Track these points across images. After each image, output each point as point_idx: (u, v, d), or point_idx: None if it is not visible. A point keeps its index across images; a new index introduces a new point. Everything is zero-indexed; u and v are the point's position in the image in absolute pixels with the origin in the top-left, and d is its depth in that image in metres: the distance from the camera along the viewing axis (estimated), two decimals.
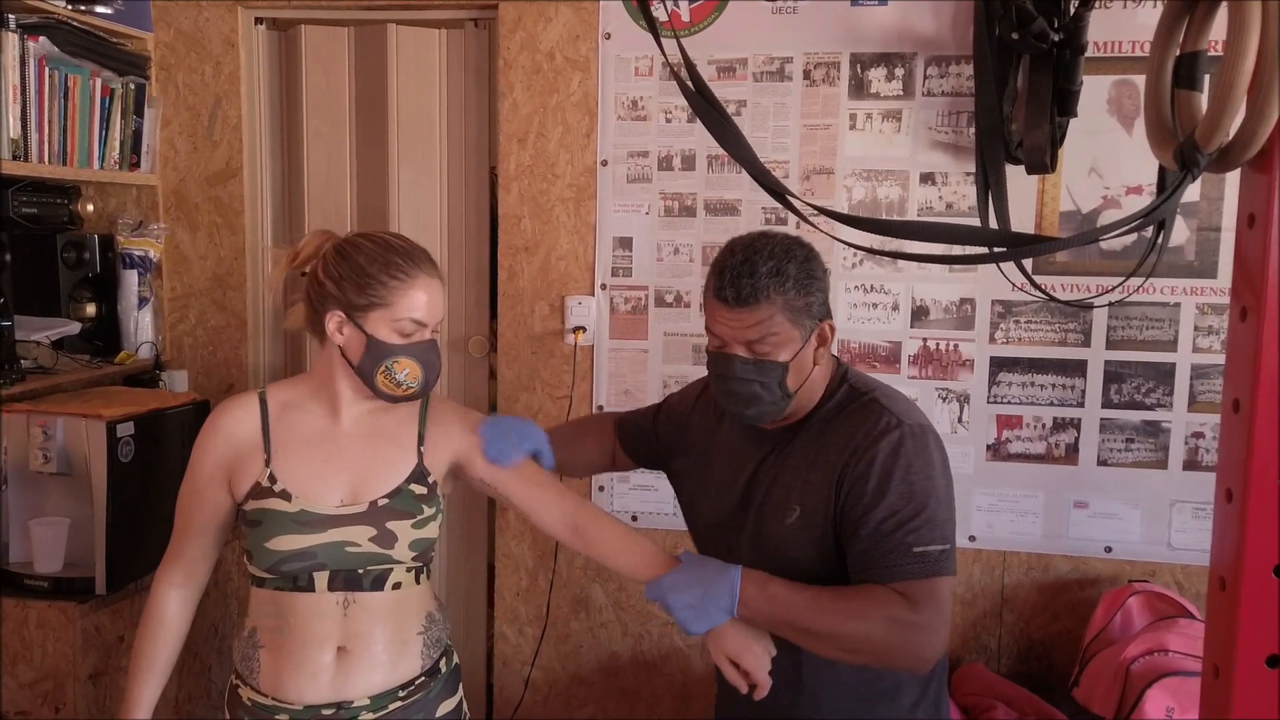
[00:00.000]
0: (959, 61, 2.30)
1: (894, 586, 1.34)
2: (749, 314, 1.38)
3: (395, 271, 1.43)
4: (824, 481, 1.42)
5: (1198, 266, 2.27)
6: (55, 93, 2.23)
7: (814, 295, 1.41)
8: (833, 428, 1.45)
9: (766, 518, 1.48)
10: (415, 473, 1.51)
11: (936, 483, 1.40)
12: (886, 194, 2.36)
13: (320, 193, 2.63)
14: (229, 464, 1.52)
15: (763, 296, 1.36)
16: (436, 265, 1.49)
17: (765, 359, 1.39)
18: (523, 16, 2.41)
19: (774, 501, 1.47)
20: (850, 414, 1.45)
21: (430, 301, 1.46)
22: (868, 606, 1.34)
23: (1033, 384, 2.35)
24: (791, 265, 1.39)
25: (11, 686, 2.09)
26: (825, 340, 1.46)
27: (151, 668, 1.56)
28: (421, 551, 1.50)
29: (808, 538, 1.43)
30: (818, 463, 1.44)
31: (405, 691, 1.50)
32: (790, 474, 1.47)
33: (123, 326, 2.53)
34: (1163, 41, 1.11)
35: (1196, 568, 2.33)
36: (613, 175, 2.44)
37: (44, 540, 2.10)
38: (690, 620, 1.37)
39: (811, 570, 1.43)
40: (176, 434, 2.30)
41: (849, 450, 1.41)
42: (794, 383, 1.42)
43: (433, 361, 1.48)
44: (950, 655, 2.43)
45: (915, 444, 1.40)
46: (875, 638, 1.33)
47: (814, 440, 1.46)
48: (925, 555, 1.35)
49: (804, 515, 1.44)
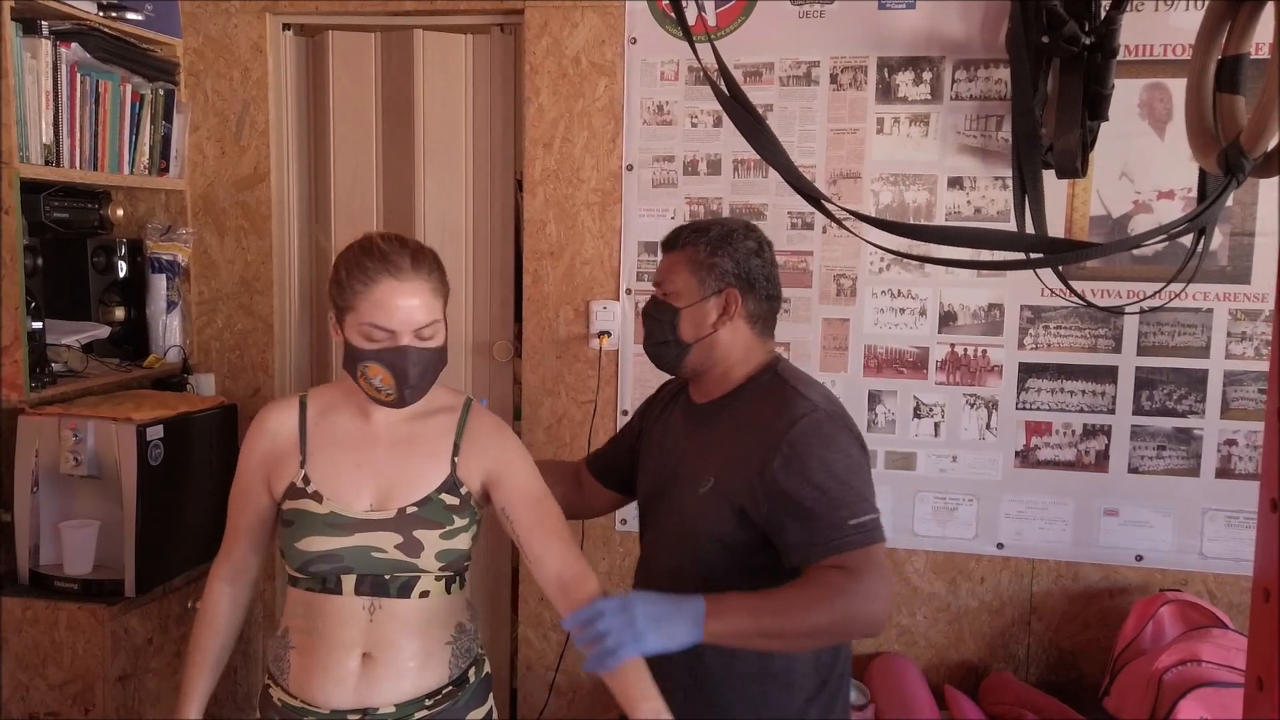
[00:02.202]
0: (988, 65, 2.28)
1: (836, 560, 1.39)
2: (666, 258, 1.60)
3: (361, 275, 1.40)
4: (740, 462, 1.49)
5: (1231, 272, 2.25)
6: (86, 99, 2.25)
7: (723, 259, 1.54)
8: (753, 408, 1.53)
9: (684, 486, 1.56)
10: (447, 483, 1.50)
11: (856, 458, 1.48)
12: (914, 198, 2.34)
13: (347, 197, 2.64)
14: (269, 464, 1.53)
15: (678, 245, 1.58)
16: (420, 270, 1.41)
17: (664, 299, 1.57)
18: (549, 21, 2.42)
19: (692, 471, 1.55)
20: (771, 398, 1.53)
21: (395, 308, 1.39)
22: (820, 592, 1.37)
23: (1062, 390, 2.33)
24: (715, 229, 1.56)
25: (41, 687, 2.11)
26: (730, 308, 1.55)
27: (202, 662, 1.58)
28: (450, 562, 1.48)
29: (716, 510, 1.49)
30: (733, 441, 1.52)
31: (432, 700, 1.49)
32: (711, 448, 1.55)
33: (151, 330, 2.55)
34: (1205, 44, 1.10)
35: (1229, 577, 2.30)
36: (638, 180, 2.43)
37: (74, 542, 2.12)
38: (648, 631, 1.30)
39: (710, 543, 1.50)
40: (204, 437, 2.32)
41: (768, 435, 1.47)
42: (688, 333, 1.56)
43: (404, 368, 1.41)
44: (978, 663, 2.41)
45: (831, 425, 1.48)
46: (834, 618, 1.36)
47: (734, 418, 1.55)
48: (860, 526, 1.41)
49: (717, 487, 1.51)
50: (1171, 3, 2.21)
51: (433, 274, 1.44)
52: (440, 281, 1.46)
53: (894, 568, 2.42)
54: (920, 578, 2.42)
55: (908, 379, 2.38)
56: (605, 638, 1.29)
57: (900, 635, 2.44)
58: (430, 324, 1.43)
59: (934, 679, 2.39)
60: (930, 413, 2.38)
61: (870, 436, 2.40)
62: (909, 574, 2.43)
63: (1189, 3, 2.22)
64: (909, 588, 2.43)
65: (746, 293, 1.56)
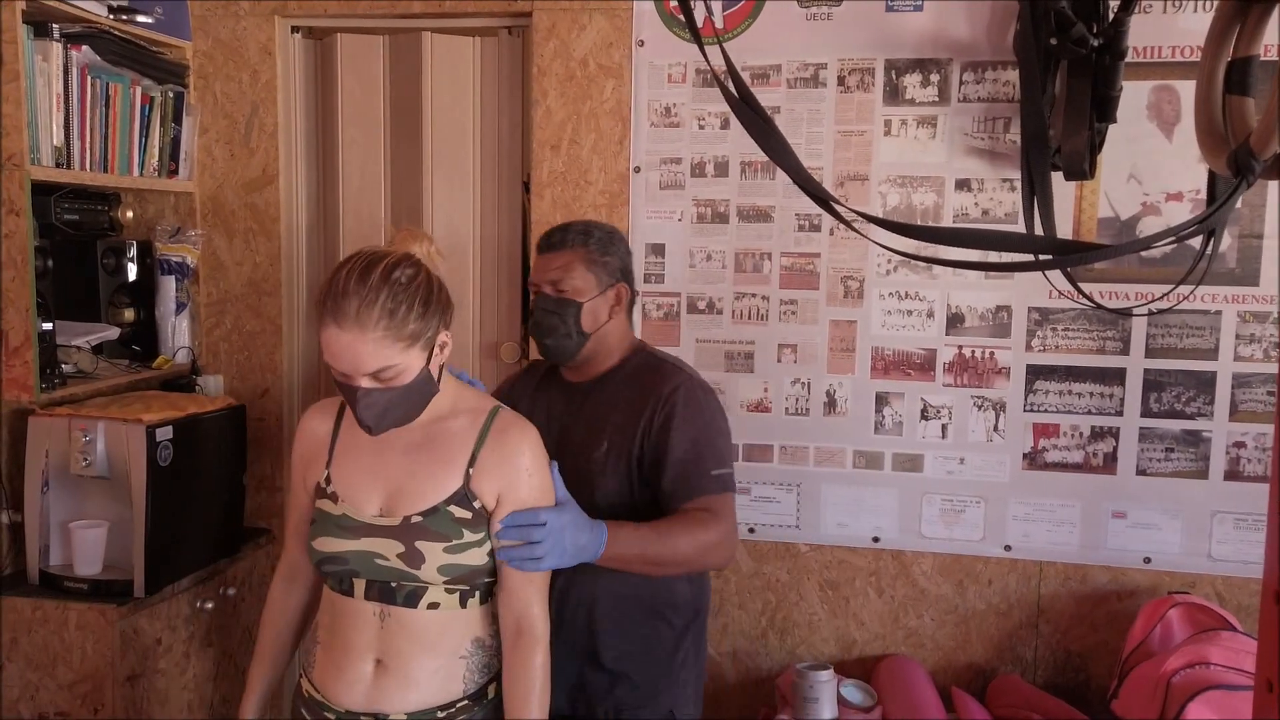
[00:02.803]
0: (996, 67, 2.28)
1: (699, 502, 1.67)
2: (555, 257, 1.76)
3: (319, 309, 1.38)
4: (630, 423, 1.73)
5: (1239, 274, 2.24)
6: (97, 101, 2.27)
7: (612, 258, 1.79)
8: (635, 381, 1.78)
9: (579, 453, 1.73)
10: (458, 495, 1.47)
11: (719, 422, 1.77)
12: (921, 200, 2.34)
13: (355, 199, 2.65)
14: (306, 463, 1.57)
15: (567, 245, 1.76)
16: (366, 320, 1.34)
17: (564, 296, 1.74)
18: (557, 24, 2.42)
19: (584, 438, 1.76)
20: (650, 371, 1.80)
21: (339, 352, 1.36)
22: (691, 527, 1.65)
23: (1070, 392, 2.33)
24: (597, 230, 1.80)
25: (51, 687, 2.12)
26: (621, 300, 1.80)
27: (259, 655, 1.64)
28: (457, 577, 1.45)
29: (613, 467, 1.73)
30: (622, 408, 1.76)
31: (445, 713, 1.47)
32: (600, 416, 1.77)
33: (160, 331, 2.56)
34: (1214, 46, 1.10)
35: (1238, 579, 2.29)
36: (645, 182, 2.44)
37: (84, 543, 2.13)
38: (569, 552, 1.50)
39: (614, 494, 1.73)
40: (213, 438, 2.33)
41: (652, 398, 1.73)
42: (588, 324, 1.76)
43: (356, 408, 1.39)
44: (985, 666, 2.41)
45: (702, 393, 1.77)
46: (699, 548, 1.65)
47: (619, 391, 1.78)
48: (720, 476, 1.71)
49: (611, 448, 1.74)
50: (1180, 5, 2.21)
51: (382, 323, 1.35)
52: (395, 328, 1.36)
53: (901, 569, 2.43)
54: (927, 579, 2.42)
55: (915, 381, 2.38)
56: (536, 547, 1.46)
57: (907, 637, 2.44)
58: (383, 369, 1.37)
59: (941, 681, 2.38)
60: (938, 414, 2.38)
61: (877, 438, 2.40)
62: (916, 576, 2.43)
63: (1197, 5, 2.21)
64: (916, 589, 2.43)
65: (628, 286, 1.82)
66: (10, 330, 2.10)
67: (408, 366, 1.40)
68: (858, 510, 2.42)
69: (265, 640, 1.64)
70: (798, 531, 2.44)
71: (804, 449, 2.43)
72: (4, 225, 2.08)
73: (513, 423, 1.54)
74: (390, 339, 1.36)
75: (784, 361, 2.42)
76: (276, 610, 1.64)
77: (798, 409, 2.43)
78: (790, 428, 2.43)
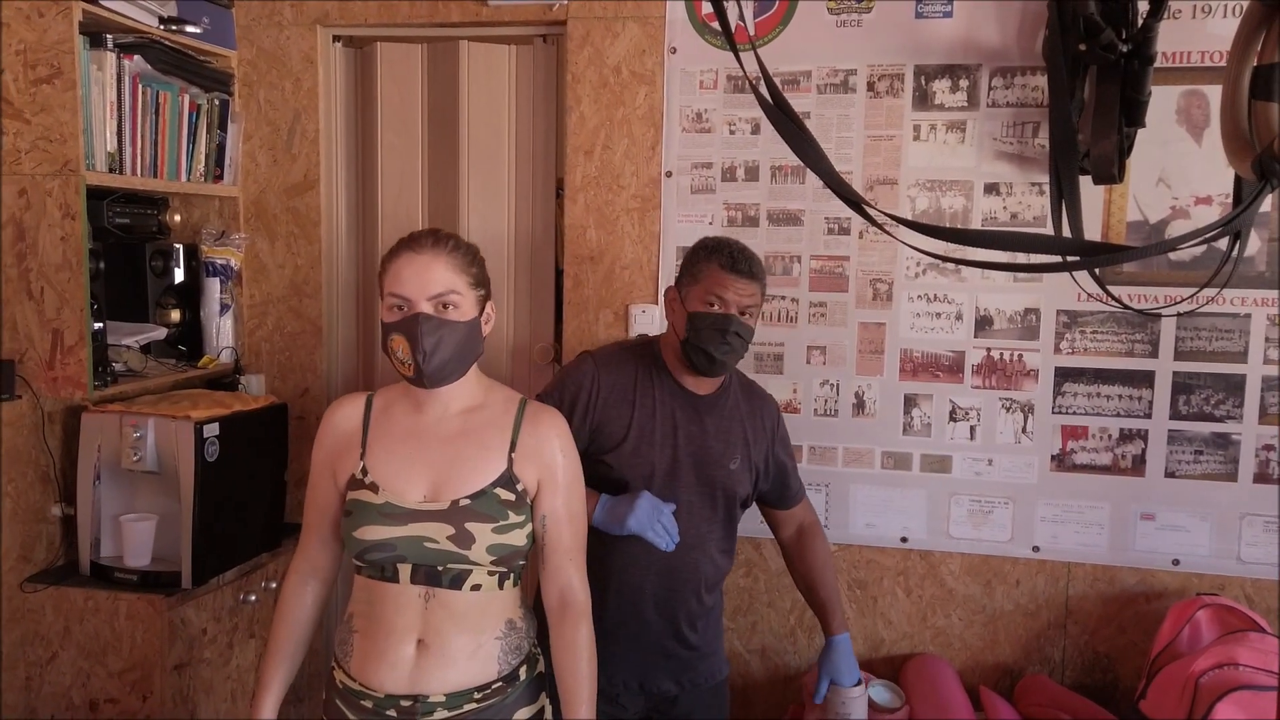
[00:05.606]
0: (1025, 72, 2.31)
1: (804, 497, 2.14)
2: (747, 285, 1.87)
3: (389, 255, 1.51)
4: (756, 438, 1.99)
5: (1269, 277, 2.25)
6: (147, 109, 2.34)
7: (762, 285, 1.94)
8: (746, 396, 2.02)
9: (716, 464, 1.94)
10: (503, 478, 1.54)
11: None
12: (950, 204, 2.37)
13: (393, 204, 2.71)
14: (335, 457, 1.60)
15: (756, 278, 1.89)
16: (440, 246, 1.49)
17: (748, 324, 1.89)
18: (590, 32, 2.48)
19: (721, 451, 1.95)
20: (745, 388, 2.05)
21: (409, 275, 1.47)
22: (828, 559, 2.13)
23: (1098, 394, 2.35)
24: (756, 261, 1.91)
25: (101, 675, 2.19)
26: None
27: (275, 653, 1.63)
28: (502, 557, 1.52)
29: (740, 477, 1.98)
30: (743, 422, 1.99)
31: (481, 694, 1.52)
32: (726, 430, 1.96)
33: (205, 332, 2.63)
34: (1240, 52, 1.13)
35: (1267, 582, 2.30)
36: (677, 186, 2.48)
37: (134, 535, 2.20)
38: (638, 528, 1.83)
39: (744, 500, 2.00)
40: (256, 435, 2.39)
41: (763, 416, 2.02)
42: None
43: (416, 333, 1.45)
44: (1012, 665, 2.43)
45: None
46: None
47: (736, 405, 1.99)
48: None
49: (742, 460, 1.97)
50: (1209, 10, 2.23)
51: (455, 251, 1.51)
52: (464, 260, 1.51)
53: (929, 570, 2.45)
54: (955, 580, 2.44)
55: (944, 383, 2.40)
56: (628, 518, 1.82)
57: (935, 637, 2.46)
58: (446, 292, 1.48)
59: (969, 680, 2.41)
60: (966, 416, 2.40)
61: (906, 439, 2.43)
62: (944, 576, 2.45)
63: (1226, 10, 2.23)
64: (944, 589, 2.45)
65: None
66: (65, 329, 2.18)
67: (467, 304, 1.51)
68: (886, 510, 2.45)
69: (280, 638, 1.62)
70: (826, 531, 2.46)
71: (833, 450, 2.47)
72: (61, 229, 2.16)
73: (542, 410, 1.63)
74: (460, 268, 1.51)
75: (813, 363, 2.46)
76: (294, 607, 1.63)
77: (827, 410, 2.46)
78: (819, 429, 2.46)
